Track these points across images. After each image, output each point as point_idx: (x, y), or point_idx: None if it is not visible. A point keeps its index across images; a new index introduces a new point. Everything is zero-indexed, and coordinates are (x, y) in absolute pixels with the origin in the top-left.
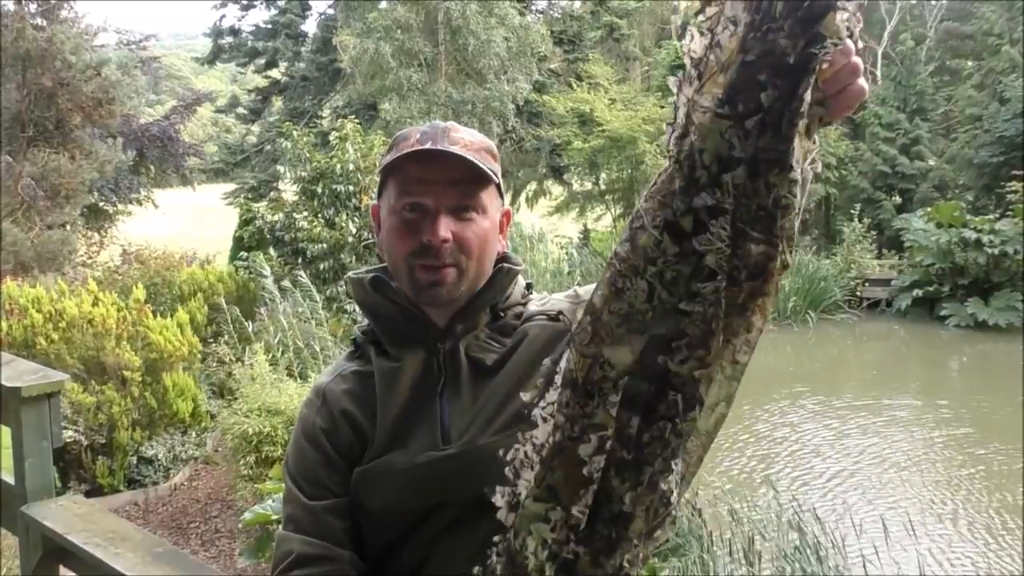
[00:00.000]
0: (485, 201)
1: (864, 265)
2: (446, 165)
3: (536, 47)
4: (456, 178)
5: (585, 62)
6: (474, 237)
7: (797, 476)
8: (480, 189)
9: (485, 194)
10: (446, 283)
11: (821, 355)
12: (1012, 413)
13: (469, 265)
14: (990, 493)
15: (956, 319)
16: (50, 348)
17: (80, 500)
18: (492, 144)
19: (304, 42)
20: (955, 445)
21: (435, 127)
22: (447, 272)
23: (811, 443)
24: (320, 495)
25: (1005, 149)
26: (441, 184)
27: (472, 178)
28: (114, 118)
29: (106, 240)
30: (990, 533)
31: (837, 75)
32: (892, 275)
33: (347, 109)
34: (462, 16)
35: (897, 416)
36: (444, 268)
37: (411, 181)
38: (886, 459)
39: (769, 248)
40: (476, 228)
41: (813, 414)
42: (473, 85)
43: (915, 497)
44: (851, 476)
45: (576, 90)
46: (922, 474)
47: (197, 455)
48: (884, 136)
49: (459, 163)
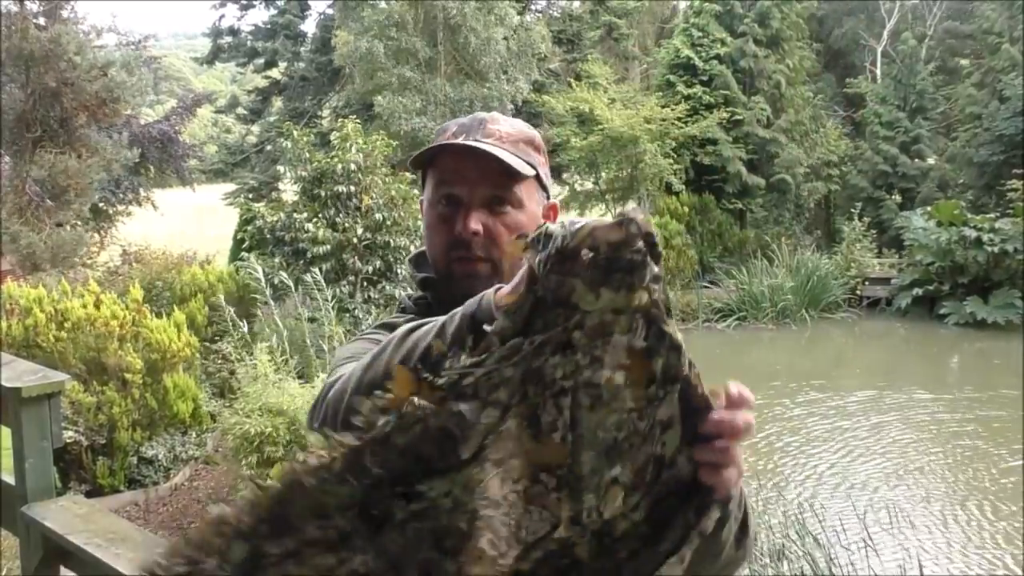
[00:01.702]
0: (521, 195)
1: (864, 264)
2: (479, 158)
3: (535, 47)
4: (488, 171)
5: (584, 62)
6: (507, 232)
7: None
8: (514, 183)
9: (522, 188)
10: (479, 277)
11: (820, 353)
12: (1012, 411)
13: (503, 261)
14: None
15: (956, 317)
16: (56, 347)
17: (80, 500)
18: (535, 135)
19: (303, 42)
20: (954, 444)
21: (474, 119)
22: (481, 266)
23: (809, 442)
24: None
25: (1005, 148)
26: (474, 177)
27: (505, 172)
28: (119, 116)
29: (106, 240)
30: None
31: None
32: (892, 274)
33: (346, 109)
34: (460, 14)
35: (897, 414)
36: (477, 262)
37: (446, 174)
38: (885, 458)
39: None
40: (510, 222)
41: (812, 412)
42: (472, 84)
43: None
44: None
45: (575, 89)
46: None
47: (197, 455)
48: (884, 135)
49: (493, 157)
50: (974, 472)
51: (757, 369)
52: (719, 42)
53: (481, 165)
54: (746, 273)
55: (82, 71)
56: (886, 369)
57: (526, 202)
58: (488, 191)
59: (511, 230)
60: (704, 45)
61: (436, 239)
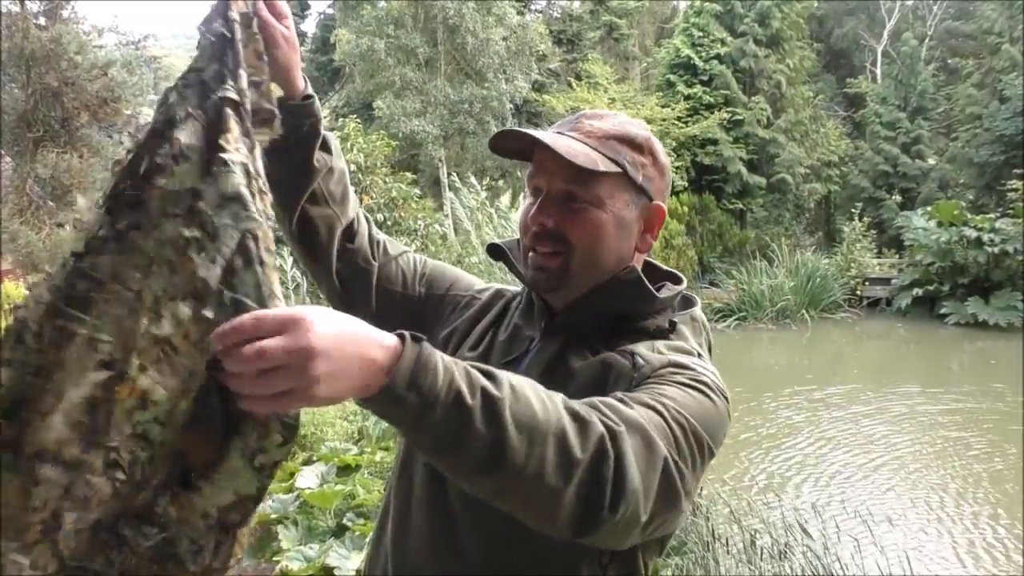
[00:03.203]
0: (602, 193)
1: (864, 264)
2: (557, 151)
3: (535, 46)
4: (563, 165)
5: (584, 62)
6: (579, 229)
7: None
8: (590, 178)
9: (603, 186)
10: (548, 270)
11: (820, 354)
12: (1013, 410)
13: (573, 258)
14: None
15: (956, 317)
16: None
17: None
18: (639, 133)
19: (303, 42)
20: (954, 442)
21: (575, 115)
22: (551, 260)
23: (810, 438)
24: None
25: (1005, 148)
26: (551, 169)
27: (583, 167)
28: (120, 116)
29: None
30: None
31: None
32: (892, 274)
33: (346, 109)
34: (458, 15)
35: (896, 413)
36: (549, 255)
37: (535, 165)
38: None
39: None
40: (584, 220)
41: (812, 412)
42: (472, 84)
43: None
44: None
45: (576, 89)
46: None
47: None
48: (885, 135)
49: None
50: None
51: (757, 369)
52: (719, 42)
53: (559, 158)
54: (746, 273)
55: (83, 71)
56: (886, 369)
57: (607, 200)
58: (563, 185)
59: (585, 227)
60: (704, 45)
61: (522, 227)
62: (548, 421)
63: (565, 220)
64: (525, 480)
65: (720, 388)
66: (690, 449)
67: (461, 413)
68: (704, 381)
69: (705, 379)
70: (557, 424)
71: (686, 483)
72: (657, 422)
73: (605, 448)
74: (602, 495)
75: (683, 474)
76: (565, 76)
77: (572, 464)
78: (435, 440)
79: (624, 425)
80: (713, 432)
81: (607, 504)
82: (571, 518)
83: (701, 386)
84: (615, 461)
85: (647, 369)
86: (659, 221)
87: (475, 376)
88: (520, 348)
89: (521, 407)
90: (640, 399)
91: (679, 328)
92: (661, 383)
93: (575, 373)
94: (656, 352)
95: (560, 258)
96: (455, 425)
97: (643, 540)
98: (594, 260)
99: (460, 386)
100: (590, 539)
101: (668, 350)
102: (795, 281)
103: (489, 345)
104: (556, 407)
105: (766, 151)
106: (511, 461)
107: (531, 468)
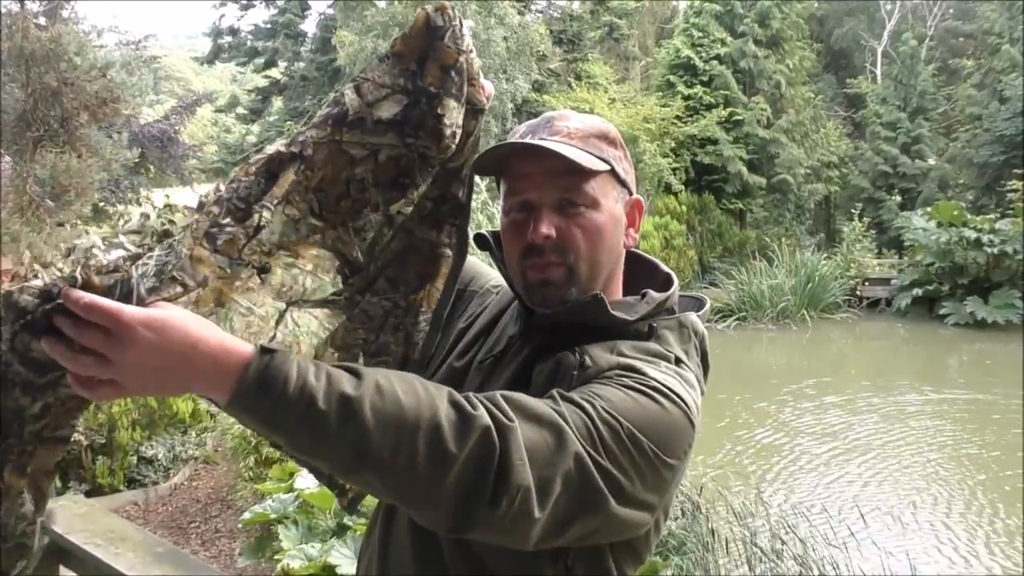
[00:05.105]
0: (595, 193)
1: (864, 264)
2: (544, 158)
3: (535, 46)
4: (556, 171)
5: (585, 62)
6: (582, 233)
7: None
8: (584, 180)
9: (593, 185)
10: (554, 281)
11: (820, 354)
12: (1013, 410)
13: (579, 264)
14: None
15: (955, 318)
16: None
17: (80, 500)
18: (609, 128)
19: (304, 42)
20: (954, 443)
21: (543, 118)
22: (555, 269)
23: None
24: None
25: (1005, 148)
26: (541, 178)
27: (573, 169)
28: (119, 116)
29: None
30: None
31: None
32: (892, 274)
33: None
34: (461, 15)
35: (896, 412)
36: (552, 265)
37: (515, 178)
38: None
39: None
40: (585, 223)
41: (811, 412)
42: None
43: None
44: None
45: (576, 89)
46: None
47: (197, 455)
48: (885, 135)
49: (556, 155)
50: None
51: (757, 369)
52: (719, 42)
53: (547, 165)
54: (746, 273)
55: (82, 71)
56: (886, 369)
57: (602, 200)
58: (557, 192)
59: (587, 231)
60: (704, 45)
61: (510, 248)
62: (419, 416)
63: (567, 228)
64: (398, 475)
65: (677, 395)
66: (624, 451)
67: (314, 418)
68: (654, 386)
69: (656, 384)
70: (431, 419)
71: (614, 484)
72: (579, 420)
73: (488, 441)
74: (482, 489)
75: (609, 474)
76: (565, 76)
77: (447, 457)
78: (296, 444)
79: (522, 419)
80: (659, 437)
81: (487, 498)
82: (451, 512)
83: (649, 391)
84: (500, 456)
85: (592, 370)
86: (640, 214)
87: (335, 379)
88: (500, 347)
89: (386, 404)
90: (570, 397)
91: (662, 333)
92: (604, 384)
93: (537, 373)
94: (616, 353)
95: (562, 268)
96: (309, 429)
97: (570, 543)
98: (596, 263)
99: (313, 392)
100: (473, 534)
101: (634, 352)
102: (795, 281)
103: (482, 344)
104: (434, 402)
105: (766, 151)
106: (377, 458)
107: (400, 463)
